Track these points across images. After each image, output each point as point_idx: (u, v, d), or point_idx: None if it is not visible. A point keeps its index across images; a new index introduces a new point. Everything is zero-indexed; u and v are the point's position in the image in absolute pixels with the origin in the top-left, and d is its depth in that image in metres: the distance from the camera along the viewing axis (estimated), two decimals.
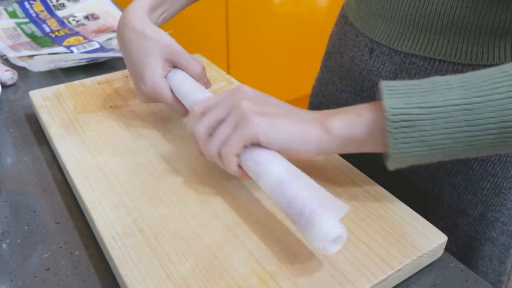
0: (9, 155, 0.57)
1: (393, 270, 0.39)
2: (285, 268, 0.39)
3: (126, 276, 0.38)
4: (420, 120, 0.37)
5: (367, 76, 0.62)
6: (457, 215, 0.60)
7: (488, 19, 0.50)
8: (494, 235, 0.61)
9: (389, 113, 0.37)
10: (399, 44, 0.57)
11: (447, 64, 0.54)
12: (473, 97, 0.36)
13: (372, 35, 0.60)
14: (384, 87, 0.39)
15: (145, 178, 0.49)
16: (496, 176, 0.57)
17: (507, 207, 0.59)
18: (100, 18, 0.96)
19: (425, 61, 0.55)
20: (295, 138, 0.42)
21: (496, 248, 0.60)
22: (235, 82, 0.68)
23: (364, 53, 0.61)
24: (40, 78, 0.76)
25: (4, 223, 0.47)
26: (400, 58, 0.57)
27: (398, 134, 0.38)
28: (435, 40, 0.54)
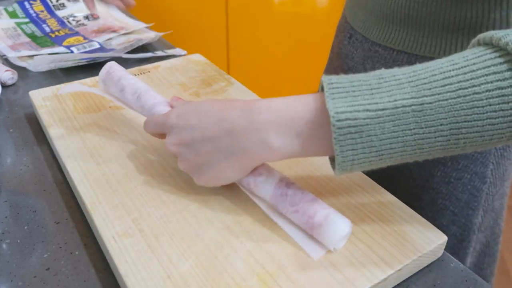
0: (9, 155, 0.57)
1: (393, 270, 0.39)
2: (285, 268, 0.39)
3: (126, 276, 0.38)
4: (367, 124, 0.34)
5: (345, 59, 0.68)
6: (412, 198, 0.63)
7: (439, 14, 0.52)
8: (444, 223, 0.63)
9: (335, 118, 0.34)
10: (369, 32, 0.62)
11: (403, 54, 0.58)
12: (423, 96, 0.34)
13: (352, 22, 0.66)
14: (327, 85, 0.36)
15: (145, 178, 0.49)
16: (446, 166, 0.60)
17: (457, 197, 0.62)
18: (100, 18, 0.96)
19: (386, 50, 0.59)
20: (232, 175, 0.43)
21: (447, 237, 0.63)
22: (235, 82, 0.68)
23: (346, 38, 0.68)
24: (40, 78, 0.76)
25: (4, 223, 0.47)
26: (368, 46, 0.62)
27: (344, 141, 0.35)
28: (395, 31, 0.58)
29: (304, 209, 0.41)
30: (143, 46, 0.86)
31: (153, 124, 0.48)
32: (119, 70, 0.55)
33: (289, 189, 0.42)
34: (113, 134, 0.56)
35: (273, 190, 0.43)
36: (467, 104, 0.33)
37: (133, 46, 0.83)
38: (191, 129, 0.43)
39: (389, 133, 0.34)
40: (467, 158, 0.59)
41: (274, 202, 0.43)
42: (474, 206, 0.62)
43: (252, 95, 0.65)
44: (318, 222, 0.40)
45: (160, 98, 0.51)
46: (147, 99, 0.51)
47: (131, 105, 0.53)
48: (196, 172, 0.44)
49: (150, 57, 0.82)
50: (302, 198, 0.42)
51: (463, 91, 0.33)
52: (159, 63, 0.74)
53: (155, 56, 0.82)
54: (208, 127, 0.41)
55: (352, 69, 0.66)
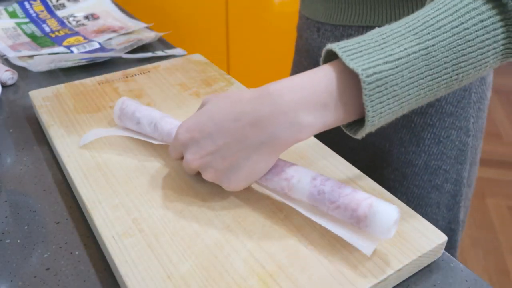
0: (9, 155, 0.57)
1: (393, 270, 0.39)
2: (285, 268, 0.39)
3: (126, 276, 0.38)
4: (390, 75, 0.36)
5: (318, 52, 0.70)
6: (405, 166, 0.65)
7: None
8: (438, 182, 0.66)
9: (364, 75, 0.36)
10: (334, 18, 0.64)
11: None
12: (426, 40, 0.37)
13: (314, 16, 0.68)
14: (339, 49, 0.37)
15: (145, 178, 0.49)
16: (434, 127, 0.63)
17: (448, 155, 0.65)
18: (100, 18, 0.96)
19: (358, 31, 0.62)
20: (263, 170, 0.42)
21: (442, 195, 0.66)
22: (235, 82, 0.68)
23: (314, 33, 0.69)
24: (40, 78, 0.76)
25: (4, 223, 0.47)
26: (339, 32, 0.65)
27: (374, 95, 0.37)
28: (359, 10, 0.61)
29: (346, 204, 0.40)
30: (143, 46, 0.86)
31: (173, 150, 0.46)
32: (132, 104, 0.54)
33: (324, 186, 0.41)
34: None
35: (309, 190, 0.41)
36: (461, 40, 0.37)
37: (133, 46, 0.83)
38: (210, 137, 0.41)
39: (407, 79, 0.37)
40: (452, 115, 0.63)
41: (312, 202, 0.42)
42: (462, 160, 0.66)
43: None
44: (363, 214, 0.39)
45: (176, 122, 0.50)
46: (163, 126, 0.50)
47: (150, 135, 0.52)
48: (225, 177, 0.43)
49: (150, 57, 0.82)
50: (340, 192, 0.40)
51: (456, 29, 0.37)
52: (159, 63, 0.74)
53: (155, 56, 0.82)
54: (228, 127, 0.40)
55: None
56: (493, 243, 1.67)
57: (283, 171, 0.43)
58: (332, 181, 0.42)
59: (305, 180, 0.42)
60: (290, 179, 0.42)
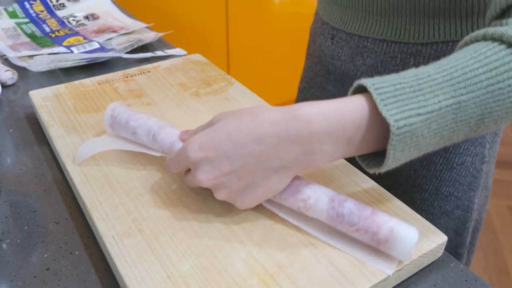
0: (9, 155, 0.57)
1: (393, 270, 0.39)
2: (285, 268, 0.39)
3: (126, 276, 0.38)
4: (418, 128, 0.36)
5: (330, 60, 0.68)
6: (414, 190, 0.63)
7: (419, 1, 0.54)
8: (449, 209, 0.64)
9: (395, 127, 0.35)
10: (351, 27, 0.62)
11: (393, 45, 0.59)
12: (460, 95, 0.37)
13: (330, 21, 0.66)
14: (373, 90, 0.37)
15: (145, 178, 0.49)
16: (448, 152, 0.60)
17: (460, 182, 0.62)
18: (100, 18, 0.96)
19: (375, 43, 0.60)
20: (277, 190, 0.41)
21: (451, 221, 0.65)
22: (235, 82, 0.68)
23: (327, 39, 0.68)
24: (40, 78, 0.76)
25: (4, 223, 0.47)
26: (354, 43, 0.63)
27: (399, 145, 0.36)
28: (378, 22, 0.59)
29: (366, 227, 0.39)
30: (143, 46, 0.86)
31: (176, 164, 0.44)
32: (124, 111, 0.51)
33: (343, 208, 0.40)
34: None
35: (327, 212, 0.41)
36: (493, 98, 0.37)
37: (133, 46, 0.83)
38: (226, 157, 0.39)
39: (432, 131, 0.37)
40: (467, 141, 0.60)
41: (331, 223, 0.41)
42: (475, 187, 0.63)
43: (252, 95, 0.65)
44: (384, 238, 0.38)
45: (176, 132, 0.48)
46: (163, 139, 0.47)
47: (148, 146, 0.50)
48: (239, 197, 0.41)
49: (150, 57, 0.82)
50: (360, 215, 0.39)
51: (491, 87, 0.37)
52: (159, 63, 0.74)
53: (155, 56, 0.82)
54: (247, 148, 0.39)
55: (340, 68, 0.67)
56: (493, 243, 1.66)
57: (299, 191, 0.42)
58: (350, 202, 0.40)
59: (322, 201, 0.41)
60: (307, 199, 0.41)
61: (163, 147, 0.48)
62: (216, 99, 0.64)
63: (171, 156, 0.45)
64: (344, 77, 0.67)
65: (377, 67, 0.62)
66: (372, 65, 0.62)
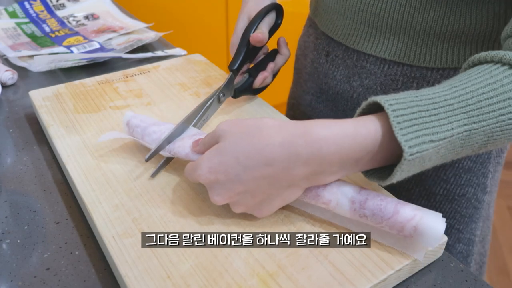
0: (9, 155, 0.57)
1: (393, 270, 0.39)
2: (285, 268, 0.39)
3: (126, 276, 0.38)
4: (429, 154, 0.36)
5: (324, 79, 0.64)
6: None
7: (437, 21, 0.50)
8: (450, 242, 0.60)
9: (408, 154, 0.35)
10: (351, 40, 0.57)
11: (395, 68, 0.54)
12: (472, 123, 0.37)
13: (328, 31, 0.61)
14: (391, 112, 0.36)
15: (145, 178, 0.49)
16: (448, 183, 0.57)
17: (461, 214, 0.59)
18: (100, 18, 0.96)
19: (375, 64, 0.56)
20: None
21: (452, 256, 0.61)
22: None
23: (321, 56, 0.63)
24: (40, 78, 0.76)
25: (4, 223, 0.47)
26: (352, 62, 0.58)
27: (406, 169, 0.36)
28: (385, 39, 0.54)
29: (390, 225, 0.39)
30: (143, 46, 0.86)
31: (191, 179, 0.44)
32: (137, 124, 0.52)
33: (365, 210, 0.40)
34: None
35: (350, 214, 0.41)
36: (501, 128, 0.37)
37: (133, 46, 0.83)
38: (237, 179, 0.39)
39: (440, 155, 0.37)
40: (469, 171, 0.57)
41: (356, 222, 0.42)
42: (477, 218, 0.61)
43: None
44: (409, 234, 0.39)
45: (189, 146, 0.48)
46: (177, 153, 0.48)
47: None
48: (256, 210, 0.42)
49: (150, 57, 0.82)
50: (383, 216, 0.39)
51: (502, 117, 0.37)
52: (159, 63, 0.74)
53: (155, 56, 0.82)
54: (258, 172, 0.38)
55: (334, 88, 0.62)
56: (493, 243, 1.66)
57: (318, 195, 0.42)
58: (371, 202, 0.40)
59: (343, 204, 0.41)
60: (328, 203, 0.41)
61: (179, 158, 0.49)
62: None
63: (187, 170, 0.44)
64: (338, 98, 0.63)
65: (375, 89, 0.58)
66: (371, 87, 0.58)
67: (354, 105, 0.61)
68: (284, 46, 0.59)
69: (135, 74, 0.70)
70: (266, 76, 0.57)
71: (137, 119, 0.52)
